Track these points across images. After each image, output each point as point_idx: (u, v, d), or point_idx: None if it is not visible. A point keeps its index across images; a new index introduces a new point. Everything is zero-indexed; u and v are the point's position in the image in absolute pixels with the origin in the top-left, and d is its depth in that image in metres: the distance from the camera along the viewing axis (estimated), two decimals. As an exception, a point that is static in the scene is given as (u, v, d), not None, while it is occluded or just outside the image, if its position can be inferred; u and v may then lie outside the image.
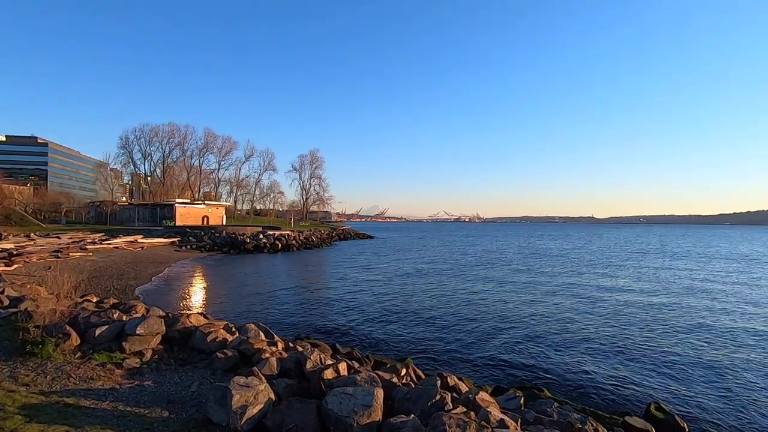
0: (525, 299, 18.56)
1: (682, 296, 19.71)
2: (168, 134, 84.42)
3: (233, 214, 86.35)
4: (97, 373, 5.90)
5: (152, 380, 5.89)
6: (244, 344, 7.24)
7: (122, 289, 17.61)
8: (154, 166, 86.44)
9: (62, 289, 10.59)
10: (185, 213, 59.54)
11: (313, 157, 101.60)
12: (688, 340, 12.27)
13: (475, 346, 11.56)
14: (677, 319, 14.81)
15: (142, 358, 6.90)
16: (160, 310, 9.42)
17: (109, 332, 7.34)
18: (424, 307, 16.54)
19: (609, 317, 15.10)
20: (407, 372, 7.18)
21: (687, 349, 11.39)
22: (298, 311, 15.57)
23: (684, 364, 10.19)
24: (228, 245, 41.05)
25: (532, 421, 5.36)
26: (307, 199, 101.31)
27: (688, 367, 10.04)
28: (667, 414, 6.65)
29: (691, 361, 10.47)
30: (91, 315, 7.97)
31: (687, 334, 12.99)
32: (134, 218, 59.88)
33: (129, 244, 34.66)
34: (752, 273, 29.44)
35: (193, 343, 7.63)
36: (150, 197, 79.36)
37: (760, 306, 17.49)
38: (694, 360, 10.54)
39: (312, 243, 50.82)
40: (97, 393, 5.23)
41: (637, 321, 14.54)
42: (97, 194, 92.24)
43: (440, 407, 4.89)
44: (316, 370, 5.86)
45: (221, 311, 14.90)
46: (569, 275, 27.46)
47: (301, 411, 4.58)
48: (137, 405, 4.99)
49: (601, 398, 8.23)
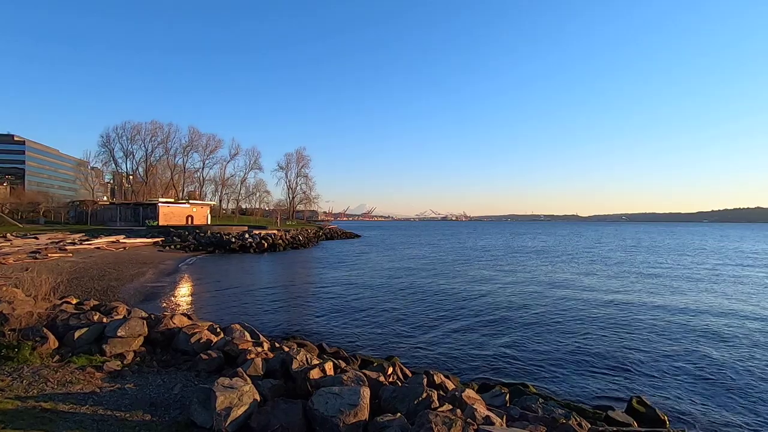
0: (509, 297, 18.76)
1: (656, 291, 20.18)
2: (151, 132, 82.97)
3: (218, 214, 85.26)
4: (76, 377, 5.75)
5: (134, 383, 5.77)
6: (228, 345, 7.15)
7: (103, 291, 17.21)
8: (137, 165, 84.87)
9: (40, 291, 10.26)
10: (169, 212, 58.60)
11: (300, 156, 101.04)
12: (665, 335, 12.56)
13: (462, 343, 11.64)
14: (653, 315, 15.15)
15: (124, 360, 6.75)
16: (142, 312, 9.23)
17: (88, 335, 7.16)
18: (412, 306, 16.59)
19: (591, 314, 15.35)
20: (394, 371, 7.19)
21: (666, 344, 11.65)
22: (285, 311, 15.46)
23: (664, 358, 10.43)
24: (213, 245, 40.52)
25: (517, 417, 5.41)
26: (294, 198, 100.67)
27: (668, 360, 10.27)
28: (648, 407, 6.80)
29: (670, 354, 10.72)
30: (70, 317, 7.77)
31: (664, 328, 13.30)
32: (116, 218, 58.70)
33: (110, 244, 33.94)
34: (728, 269, 30.31)
35: (176, 345, 7.50)
36: (132, 197, 77.88)
37: (733, 299, 18.02)
38: (674, 353, 10.79)
39: (299, 242, 50.48)
40: (76, 397, 5.09)
41: (617, 317, 14.81)
42: (77, 193, 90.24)
43: (427, 405, 4.90)
44: (302, 370, 5.81)
45: (206, 312, 14.69)
46: (551, 272, 27.86)
47: (287, 411, 4.54)
48: (118, 409, 4.88)
49: (585, 393, 8.37)
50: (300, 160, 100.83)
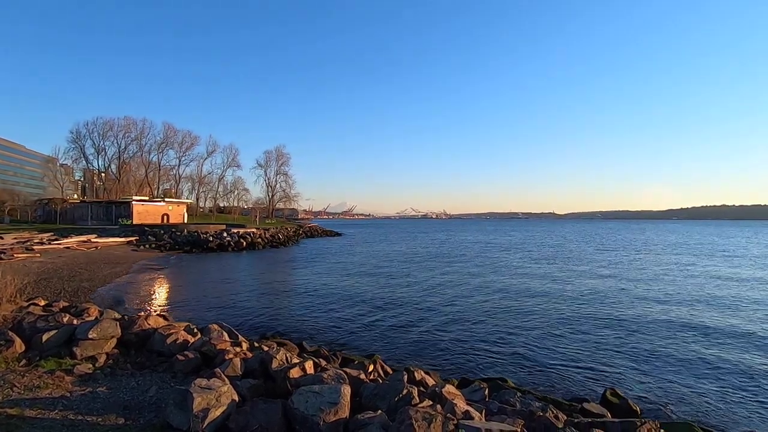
0: (487, 292, 19.01)
1: (626, 286, 20.84)
2: (124, 128, 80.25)
3: (195, 212, 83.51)
4: (45, 381, 5.53)
5: (106, 386, 5.59)
6: (206, 345, 7.01)
7: (74, 292, 16.60)
8: (109, 162, 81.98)
9: (5, 292, 9.83)
10: (143, 211, 56.95)
11: (279, 154, 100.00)
12: (637, 328, 12.98)
13: (443, 339, 11.74)
14: (625, 309, 15.65)
15: (96, 363, 6.53)
16: (115, 313, 8.97)
17: (58, 337, 6.90)
18: (393, 303, 16.63)
19: (566, 306, 15.73)
20: (375, 368, 7.20)
21: (637, 337, 12.04)
22: (264, 310, 15.25)
23: (636, 351, 10.77)
24: (190, 244, 39.60)
25: (496, 411, 5.50)
26: (273, 196, 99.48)
27: (639, 353, 10.62)
28: (621, 399, 7.03)
29: (642, 347, 11.08)
30: (38, 319, 7.48)
31: (634, 321, 13.74)
32: (87, 217, 56.66)
33: (81, 244, 32.75)
34: (697, 264, 31.58)
35: (151, 346, 7.31)
36: (105, 194, 75.50)
37: (701, 291, 18.80)
38: (645, 346, 11.16)
39: (278, 241, 49.87)
40: (44, 402, 4.90)
41: (591, 312, 15.21)
42: (46, 191, 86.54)
43: (407, 402, 4.92)
44: (281, 370, 5.75)
45: (183, 313, 14.34)
46: (524, 268, 28.38)
47: (266, 411, 4.48)
48: (89, 413, 4.72)
49: (561, 386, 8.57)
50: (279, 158, 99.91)
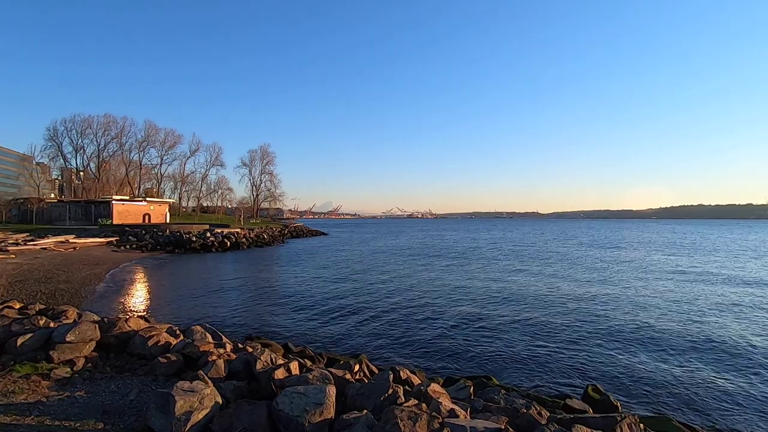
0: (473, 292, 19.17)
1: (606, 281, 21.30)
2: (103, 126, 78.03)
3: (178, 212, 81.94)
4: (20, 386, 5.36)
5: (85, 390, 5.45)
6: (189, 347, 6.88)
7: (51, 294, 16.15)
8: (88, 161, 79.68)
9: (-23, 295, 9.52)
10: (124, 210, 55.70)
11: (264, 153, 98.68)
12: (617, 326, 13.26)
13: (429, 338, 11.79)
14: (605, 304, 15.98)
15: (74, 367, 6.35)
16: (94, 315, 8.75)
17: (33, 341, 6.70)
18: (378, 302, 16.64)
19: (547, 303, 15.99)
20: (361, 368, 7.17)
21: (618, 334, 12.31)
22: (249, 311, 15.09)
23: (617, 348, 11.01)
24: (172, 244, 38.89)
25: (480, 409, 5.54)
26: (258, 195, 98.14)
27: (620, 349, 10.86)
28: (602, 395, 7.18)
29: (622, 343, 11.34)
30: (13, 323, 7.25)
31: (615, 317, 14.05)
32: (65, 217, 55.14)
33: (59, 244, 31.86)
34: (680, 260, 32.44)
35: (132, 349, 7.14)
36: (83, 194, 73.42)
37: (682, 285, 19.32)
38: (625, 343, 11.42)
39: (263, 241, 49.36)
40: (20, 408, 4.75)
41: (572, 311, 15.49)
42: (21, 191, 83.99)
43: (393, 401, 4.92)
44: (266, 371, 5.69)
45: (165, 314, 14.09)
46: (509, 268, 28.74)
47: (251, 413, 4.43)
48: (67, 418, 4.59)
49: (544, 383, 8.71)
50: (264, 157, 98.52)
